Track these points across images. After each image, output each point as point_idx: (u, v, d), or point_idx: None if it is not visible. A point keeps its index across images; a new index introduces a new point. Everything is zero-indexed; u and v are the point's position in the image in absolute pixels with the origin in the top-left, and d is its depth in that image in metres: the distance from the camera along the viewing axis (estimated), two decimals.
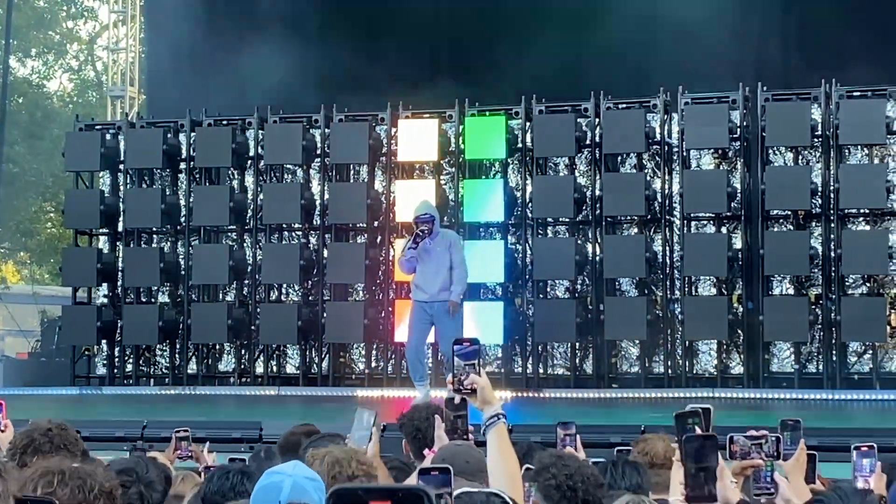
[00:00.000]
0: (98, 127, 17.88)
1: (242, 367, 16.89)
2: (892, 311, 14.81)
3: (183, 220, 17.05)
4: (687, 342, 15.38)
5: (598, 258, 15.58)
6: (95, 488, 3.95)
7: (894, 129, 14.82)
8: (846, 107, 14.81)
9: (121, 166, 17.37)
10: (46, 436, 5.19)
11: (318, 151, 16.68)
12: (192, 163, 17.11)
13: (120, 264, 17.20)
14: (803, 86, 15.46)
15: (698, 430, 4.31)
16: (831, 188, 14.91)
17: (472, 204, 15.93)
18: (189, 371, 16.92)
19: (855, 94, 14.96)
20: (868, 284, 15.01)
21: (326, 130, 16.58)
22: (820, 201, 15.02)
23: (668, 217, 15.56)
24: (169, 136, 17.04)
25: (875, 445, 5.32)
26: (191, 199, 16.95)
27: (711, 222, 15.55)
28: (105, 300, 17.43)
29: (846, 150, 15.13)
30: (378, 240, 16.52)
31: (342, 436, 6.15)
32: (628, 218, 15.71)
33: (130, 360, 17.21)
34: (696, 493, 4.13)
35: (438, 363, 15.26)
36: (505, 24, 18.24)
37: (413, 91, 17.06)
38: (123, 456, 6.38)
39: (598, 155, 15.71)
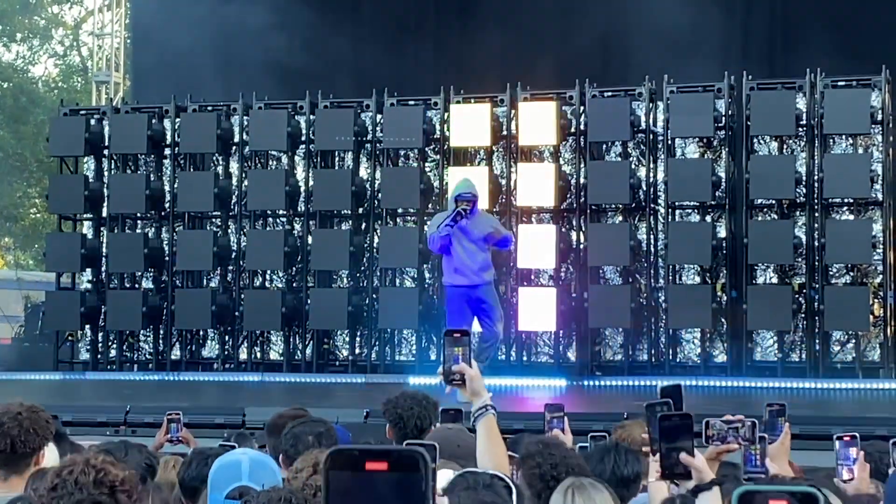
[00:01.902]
0: (83, 112, 17.83)
1: (226, 353, 16.89)
2: (876, 300, 14.84)
3: (167, 205, 17.03)
4: (671, 330, 15.40)
5: (582, 246, 15.60)
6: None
7: (878, 118, 14.84)
8: (831, 96, 14.84)
9: (105, 152, 17.33)
10: (16, 419, 5.16)
11: (304, 138, 16.67)
12: (176, 148, 17.07)
13: (104, 250, 17.16)
14: (788, 75, 15.50)
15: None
16: (815, 177, 14.94)
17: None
18: (173, 357, 16.91)
19: (839, 83, 14.99)
20: (851, 274, 15.05)
21: (311, 117, 16.56)
22: (804, 190, 15.06)
23: (652, 205, 15.57)
24: (154, 121, 17.02)
25: (857, 435, 5.33)
26: (175, 185, 16.92)
27: (696, 211, 15.57)
28: (89, 286, 17.40)
29: (831, 140, 15.16)
30: (363, 226, 16.52)
31: (326, 421, 6.16)
32: (613, 206, 15.72)
33: (114, 346, 17.18)
34: (670, 472, 4.14)
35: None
36: (490, 11, 18.24)
37: (398, 78, 17.08)
38: (112, 440, 6.36)
39: (583, 143, 15.72)
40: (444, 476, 4.23)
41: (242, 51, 18.53)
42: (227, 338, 16.90)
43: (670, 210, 15.48)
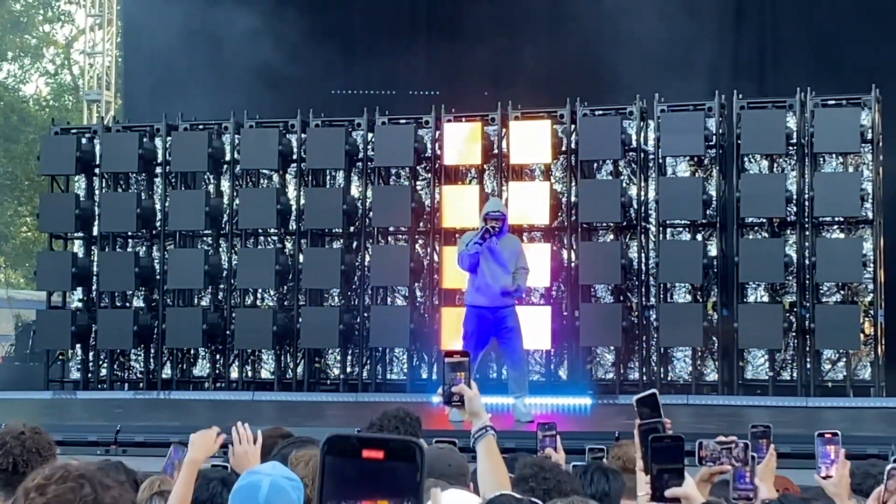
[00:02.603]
0: (74, 131, 17.83)
1: (217, 371, 16.87)
2: (866, 318, 14.86)
3: (158, 224, 17.02)
4: (662, 349, 15.41)
5: (573, 264, 15.61)
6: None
7: (868, 137, 14.88)
8: (821, 115, 14.87)
9: (96, 170, 17.33)
10: (18, 439, 5.17)
11: (295, 156, 16.68)
12: (167, 167, 17.07)
13: (95, 268, 17.15)
14: (778, 94, 15.54)
15: (665, 427, 4.33)
16: (806, 196, 14.97)
17: (450, 210, 15.94)
18: (163, 376, 16.89)
19: (829, 102, 15.02)
20: (842, 292, 15.07)
21: (303, 135, 16.58)
22: (795, 209, 15.09)
23: (643, 224, 15.59)
24: (145, 140, 17.02)
25: (839, 433, 5.32)
26: (166, 204, 16.92)
27: (687, 229, 15.58)
28: (80, 304, 17.39)
29: (821, 159, 15.19)
30: (354, 245, 16.53)
31: (314, 440, 6.15)
32: (604, 224, 15.74)
33: (105, 365, 17.16)
34: (660, 494, 4.15)
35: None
36: (481, 29, 18.28)
37: (389, 97, 17.14)
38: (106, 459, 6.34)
39: (574, 161, 15.74)
40: (451, 497, 4.20)
41: (234, 70, 18.56)
42: (218, 356, 16.89)
43: (661, 228, 15.49)
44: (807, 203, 14.96)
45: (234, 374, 16.76)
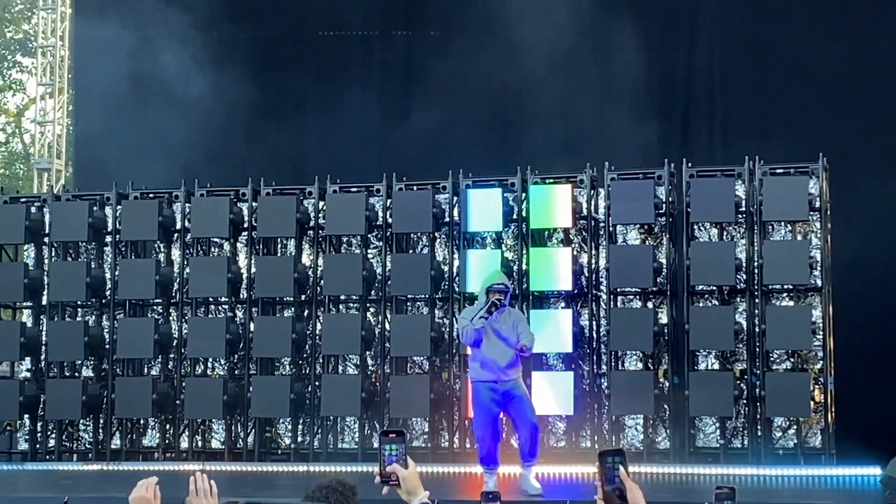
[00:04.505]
0: (23, 199, 17.73)
1: (167, 441, 16.74)
2: (816, 386, 14.91)
3: (108, 293, 16.93)
4: (614, 417, 15.40)
5: None
6: None
7: (816, 205, 14.99)
8: (769, 184, 14.98)
9: (45, 239, 17.24)
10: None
11: (246, 225, 16.65)
12: (118, 236, 17.00)
13: (44, 338, 17.02)
14: (727, 163, 15.66)
15: (622, 470, 4.33)
16: (755, 264, 15.05)
17: (398, 278, 15.92)
18: (113, 446, 16.74)
19: (778, 171, 15.14)
20: (792, 360, 15.13)
21: (254, 204, 16.56)
22: (744, 277, 15.16)
23: (594, 292, 15.61)
24: (95, 209, 16.94)
25: (735, 488, 5.26)
26: (116, 273, 16.82)
27: (638, 297, 15.62)
28: (28, 374, 17.24)
29: (770, 227, 15.29)
30: (305, 313, 16.48)
31: None
32: (556, 292, 15.75)
33: (53, 435, 17.00)
34: None
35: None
36: (432, 99, 18.37)
37: (340, 165, 17.17)
38: None
39: (524, 230, 15.77)
40: None
41: (185, 139, 18.53)
42: (168, 426, 16.76)
43: (612, 296, 15.52)
44: (756, 271, 15.04)
45: (185, 444, 16.63)
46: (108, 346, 16.80)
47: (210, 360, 16.78)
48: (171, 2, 18.91)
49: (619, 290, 15.53)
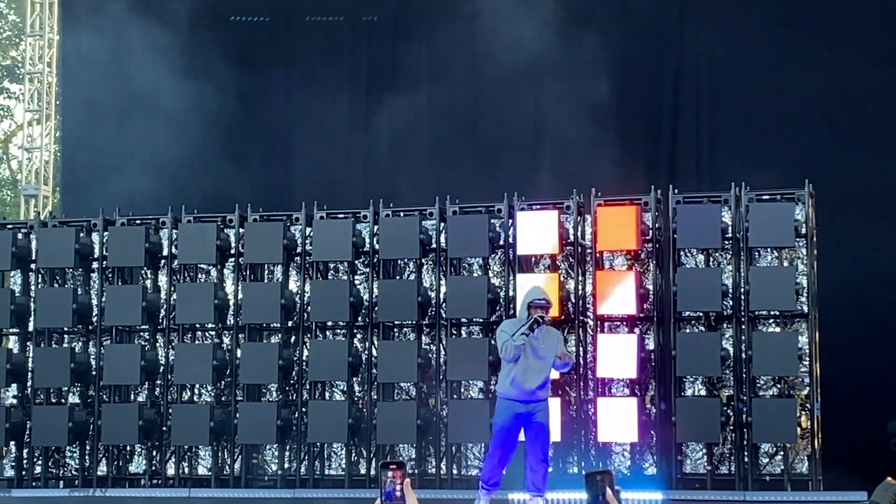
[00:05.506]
0: (10, 226, 17.70)
1: (154, 468, 16.69)
2: (803, 412, 14.92)
3: (95, 319, 16.89)
4: (601, 443, 15.38)
5: None
6: None
7: (803, 232, 15.03)
8: (756, 210, 15.01)
9: (32, 265, 17.21)
10: None
11: (233, 251, 16.63)
12: (104, 262, 16.97)
13: (30, 364, 16.97)
14: (714, 189, 15.69)
15: (608, 492, 4.35)
16: (742, 290, 15.06)
17: (385, 304, 15.90)
18: (99, 473, 16.68)
19: (764, 197, 15.18)
20: (779, 386, 15.14)
21: (241, 230, 16.54)
22: (731, 303, 15.17)
23: (581, 318, 15.61)
24: (82, 235, 16.92)
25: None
26: (103, 299, 16.79)
27: (625, 323, 15.62)
28: (14, 401, 17.19)
29: (756, 253, 15.31)
30: (292, 339, 16.45)
31: None
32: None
33: (39, 462, 16.94)
34: None
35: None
36: (418, 125, 18.41)
37: (328, 190, 17.18)
38: None
39: (511, 256, 15.78)
40: None
41: (173, 164, 18.53)
42: (154, 453, 16.71)
43: (599, 323, 15.52)
44: (743, 297, 15.05)
45: (171, 471, 16.59)
46: (94, 373, 16.76)
47: (197, 386, 16.74)
48: (157, 21, 18.96)
49: (606, 315, 15.52)
